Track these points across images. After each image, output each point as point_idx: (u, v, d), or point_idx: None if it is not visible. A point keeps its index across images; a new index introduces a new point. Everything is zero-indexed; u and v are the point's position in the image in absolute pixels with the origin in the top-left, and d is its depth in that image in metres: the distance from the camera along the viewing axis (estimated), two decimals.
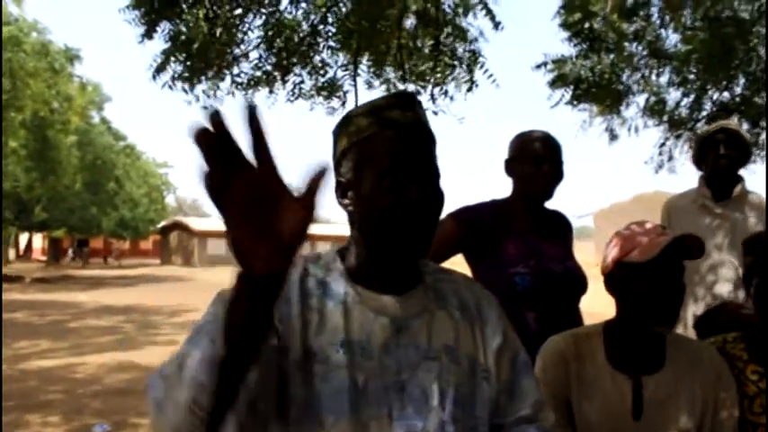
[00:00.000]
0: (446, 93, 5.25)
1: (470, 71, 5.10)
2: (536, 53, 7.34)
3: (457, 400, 1.08)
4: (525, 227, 2.26)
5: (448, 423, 1.06)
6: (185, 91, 5.11)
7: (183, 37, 4.75)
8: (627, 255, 1.71)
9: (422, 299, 1.14)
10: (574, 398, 1.71)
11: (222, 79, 5.24)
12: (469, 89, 5.13)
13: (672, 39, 7.17)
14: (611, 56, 6.75)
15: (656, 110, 8.23)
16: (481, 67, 5.07)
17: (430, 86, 5.29)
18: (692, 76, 7.61)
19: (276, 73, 5.30)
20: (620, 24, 6.01)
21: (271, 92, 5.57)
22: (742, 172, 3.04)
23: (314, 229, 0.75)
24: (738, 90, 8.05)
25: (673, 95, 8.11)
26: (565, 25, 6.19)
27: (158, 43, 5.22)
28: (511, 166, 2.33)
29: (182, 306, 15.35)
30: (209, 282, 28.47)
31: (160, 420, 0.90)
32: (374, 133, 1.09)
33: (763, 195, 2.95)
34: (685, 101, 8.04)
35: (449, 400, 1.07)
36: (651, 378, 1.69)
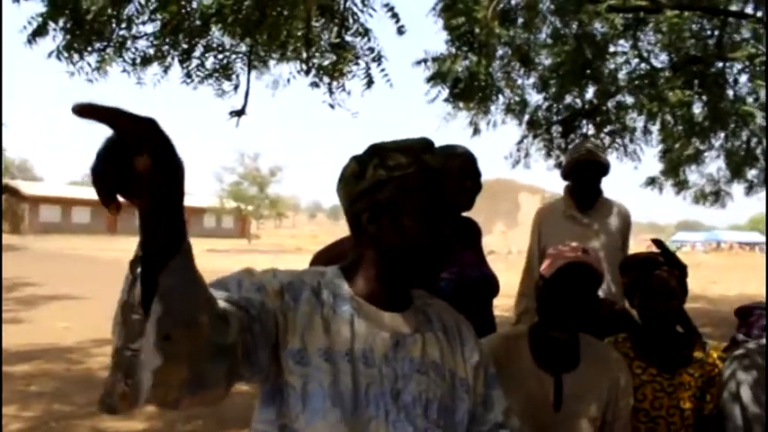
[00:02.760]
0: (343, 87, 5.42)
1: (368, 68, 5.27)
2: (416, 48, 7.59)
3: (440, 409, 1.28)
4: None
5: (431, 429, 1.26)
6: (71, 62, 4.81)
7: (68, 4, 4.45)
8: (544, 269, 2.03)
9: (413, 319, 1.33)
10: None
11: (120, 54, 4.96)
12: (368, 86, 5.31)
13: (539, 47, 7.81)
14: (483, 59, 7.19)
15: (517, 110, 8.93)
16: (379, 65, 5.26)
17: (327, 79, 5.41)
18: (552, 82, 8.33)
19: (173, 51, 5.13)
20: (500, 31, 6.47)
21: (165, 71, 5.40)
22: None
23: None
24: (588, 97, 8.95)
25: (534, 98, 8.85)
26: (448, 28, 6.54)
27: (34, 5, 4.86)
28: None
29: (20, 279, 14.20)
30: (45, 251, 26.39)
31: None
32: (414, 172, 1.25)
33: (621, 203, 3.43)
34: (545, 104, 8.80)
35: (434, 409, 1.27)
36: (569, 375, 2.01)
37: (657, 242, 2.47)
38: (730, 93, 8.27)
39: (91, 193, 0.98)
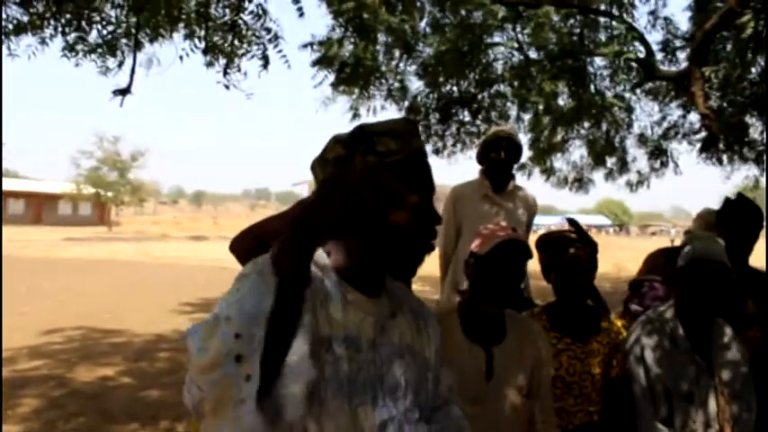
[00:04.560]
0: (239, 68, 5.24)
1: (265, 49, 5.14)
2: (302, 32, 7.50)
3: (416, 391, 1.31)
4: None
5: (410, 410, 1.28)
6: None
7: None
8: (477, 247, 2.13)
9: (389, 303, 1.33)
10: None
11: None
12: (264, 66, 5.17)
13: (425, 34, 7.99)
14: (369, 44, 7.26)
15: (398, 96, 9.10)
16: (276, 46, 5.14)
17: (222, 59, 5.20)
18: (431, 70, 8.55)
19: (54, 21, 4.67)
20: (387, 18, 6.55)
21: (42, 42, 4.91)
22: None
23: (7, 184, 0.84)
24: (464, 86, 9.29)
25: (415, 85, 9.05)
26: (337, 12, 6.52)
27: None
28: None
29: None
30: None
31: (201, 358, 0.95)
32: (405, 158, 1.22)
33: (529, 191, 3.65)
34: (425, 91, 9.03)
35: (411, 391, 1.29)
36: (498, 347, 2.12)
37: (571, 221, 2.65)
38: (591, 87, 8.95)
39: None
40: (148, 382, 5.96)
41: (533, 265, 2.32)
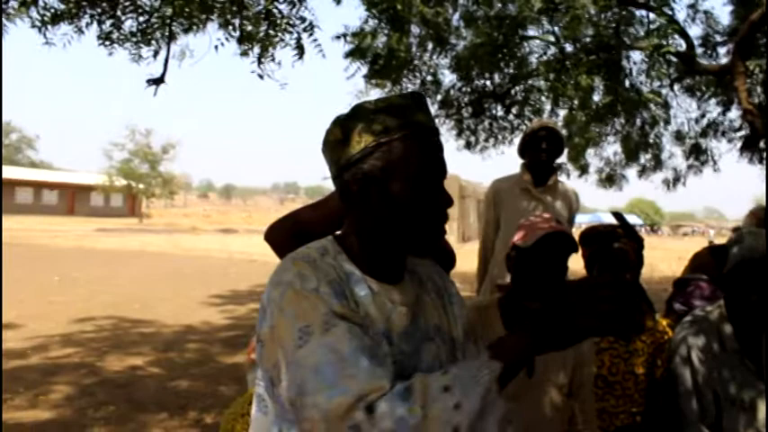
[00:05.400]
0: (273, 58, 5.20)
1: (300, 38, 5.08)
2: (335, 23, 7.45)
3: None
4: None
5: None
6: None
7: None
8: (519, 239, 2.05)
9: (412, 286, 1.26)
10: None
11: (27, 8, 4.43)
12: (300, 56, 5.12)
13: (458, 27, 7.90)
14: (404, 37, 7.18)
15: (430, 89, 9.00)
16: (311, 35, 5.08)
17: (257, 49, 5.16)
18: (465, 63, 8.44)
19: (90, 10, 4.68)
20: (422, 8, 6.46)
21: (78, 31, 4.93)
22: None
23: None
24: (497, 80, 9.16)
25: (448, 78, 8.94)
26: (371, 3, 6.44)
27: None
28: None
29: None
30: None
31: None
32: (405, 135, 1.13)
33: (572, 186, 3.58)
34: (458, 84, 8.92)
35: None
36: None
37: (617, 215, 2.55)
38: (626, 82, 8.76)
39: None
40: (177, 373, 5.99)
41: (571, 262, 2.24)
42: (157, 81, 5.02)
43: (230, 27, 5.14)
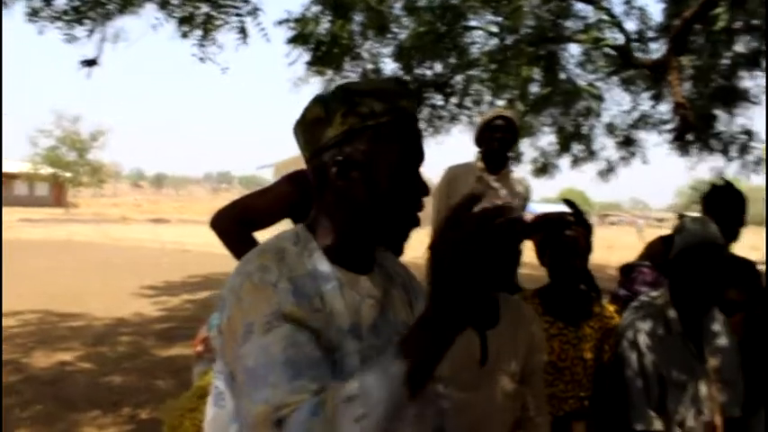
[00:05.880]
0: (215, 41, 4.99)
1: (242, 22, 4.91)
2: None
3: None
4: None
5: None
6: None
7: None
8: None
9: (381, 278, 1.22)
10: None
11: None
12: (243, 39, 4.95)
13: (400, 16, 7.85)
14: (346, 23, 7.09)
15: (373, 78, 8.93)
16: (255, 18, 4.91)
17: (198, 31, 4.95)
18: (405, 52, 8.41)
19: None
20: None
21: (2, 3, 4.58)
22: None
23: None
24: (438, 70, 9.18)
25: (389, 67, 8.88)
26: None
27: None
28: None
29: None
30: None
31: None
32: (390, 121, 1.11)
33: (524, 176, 3.62)
34: (399, 74, 8.87)
35: None
36: (492, 332, 2.02)
37: (568, 202, 2.56)
38: (562, 73, 8.94)
39: None
40: (109, 368, 5.75)
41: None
42: (91, 63, 4.75)
43: (169, 7, 4.93)
